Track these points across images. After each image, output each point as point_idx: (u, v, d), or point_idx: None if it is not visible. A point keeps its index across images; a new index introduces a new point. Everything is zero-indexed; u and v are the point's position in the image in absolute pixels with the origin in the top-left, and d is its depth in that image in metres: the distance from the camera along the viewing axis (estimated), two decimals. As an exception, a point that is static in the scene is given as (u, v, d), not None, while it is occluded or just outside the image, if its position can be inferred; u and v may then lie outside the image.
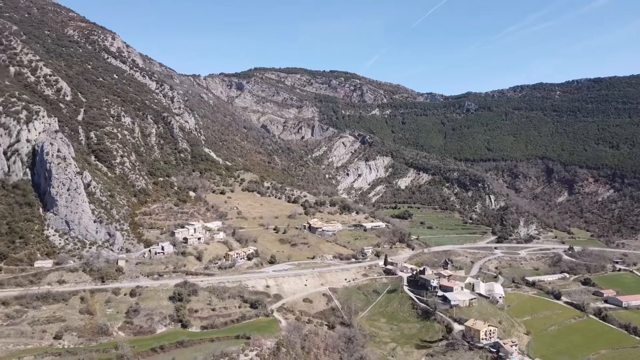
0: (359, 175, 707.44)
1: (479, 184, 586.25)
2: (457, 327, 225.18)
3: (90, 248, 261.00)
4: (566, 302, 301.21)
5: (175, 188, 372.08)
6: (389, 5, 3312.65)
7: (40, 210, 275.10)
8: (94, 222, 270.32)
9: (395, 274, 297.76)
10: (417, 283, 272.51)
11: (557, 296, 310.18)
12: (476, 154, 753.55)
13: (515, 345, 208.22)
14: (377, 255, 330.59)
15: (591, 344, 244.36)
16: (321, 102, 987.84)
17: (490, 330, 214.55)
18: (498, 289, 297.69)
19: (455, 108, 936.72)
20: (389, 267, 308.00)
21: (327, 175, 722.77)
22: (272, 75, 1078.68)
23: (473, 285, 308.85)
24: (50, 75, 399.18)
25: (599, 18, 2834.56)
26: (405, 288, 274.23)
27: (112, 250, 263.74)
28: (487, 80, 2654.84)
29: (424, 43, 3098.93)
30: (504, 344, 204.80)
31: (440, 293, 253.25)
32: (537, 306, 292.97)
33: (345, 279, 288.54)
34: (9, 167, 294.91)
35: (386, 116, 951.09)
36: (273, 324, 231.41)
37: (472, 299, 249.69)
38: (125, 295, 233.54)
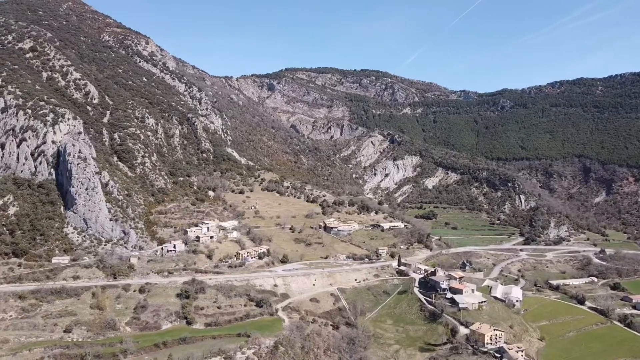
0: (386, 175, 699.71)
1: (509, 184, 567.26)
2: (462, 331, 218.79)
3: (105, 245, 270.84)
4: (590, 308, 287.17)
5: (195, 187, 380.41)
6: (426, 4, 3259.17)
7: (62, 208, 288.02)
8: (110, 220, 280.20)
9: (408, 275, 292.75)
10: (427, 285, 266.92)
11: (581, 301, 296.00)
12: (509, 152, 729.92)
13: (522, 350, 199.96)
14: (392, 255, 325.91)
15: (611, 352, 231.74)
16: (351, 102, 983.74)
17: (497, 335, 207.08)
18: (515, 293, 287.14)
19: (489, 106, 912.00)
20: (401, 268, 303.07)
21: (354, 175, 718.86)
22: (302, 75, 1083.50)
23: (490, 288, 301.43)
24: (79, 80, 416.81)
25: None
26: (416, 290, 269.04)
27: (126, 247, 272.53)
28: (525, 76, 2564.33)
29: (460, 42, 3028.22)
30: (509, 349, 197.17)
31: (449, 295, 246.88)
32: (557, 311, 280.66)
33: (356, 280, 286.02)
34: (35, 167, 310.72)
35: (417, 115, 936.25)
36: (276, 323, 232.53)
37: (482, 302, 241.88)
38: (134, 291, 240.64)
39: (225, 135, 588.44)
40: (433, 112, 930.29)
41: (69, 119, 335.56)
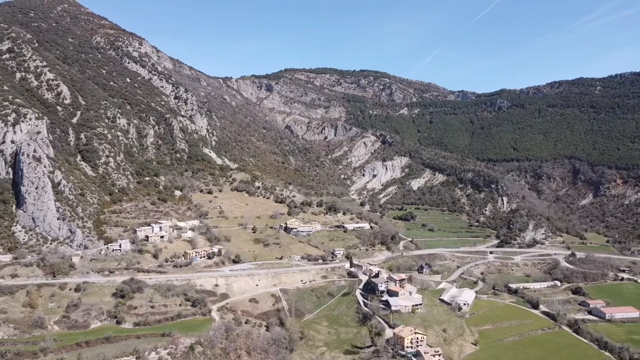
0: (374, 176, 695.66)
1: (493, 185, 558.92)
2: (387, 334, 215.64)
3: (51, 244, 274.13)
4: (543, 312, 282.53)
5: (161, 187, 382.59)
6: (435, 8, 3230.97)
7: (14, 207, 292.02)
8: (58, 219, 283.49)
9: (357, 277, 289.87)
10: (368, 287, 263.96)
11: (535, 305, 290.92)
12: (500, 153, 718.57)
13: (439, 354, 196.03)
14: (348, 257, 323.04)
15: (548, 357, 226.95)
16: (349, 102, 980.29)
17: (417, 338, 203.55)
18: (465, 296, 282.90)
19: (486, 106, 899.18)
20: (352, 269, 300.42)
21: (342, 176, 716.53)
22: (301, 75, 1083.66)
23: (442, 291, 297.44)
24: (52, 80, 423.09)
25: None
26: (358, 291, 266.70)
27: (71, 246, 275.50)
28: (537, 77, 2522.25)
29: (471, 45, 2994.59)
30: (425, 352, 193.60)
31: (384, 297, 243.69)
32: (506, 315, 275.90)
33: (301, 281, 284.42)
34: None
35: (414, 115, 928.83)
36: (206, 323, 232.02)
37: (416, 305, 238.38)
38: (70, 290, 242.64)
39: (210, 135, 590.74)
40: (430, 113, 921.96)
41: (31, 119, 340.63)
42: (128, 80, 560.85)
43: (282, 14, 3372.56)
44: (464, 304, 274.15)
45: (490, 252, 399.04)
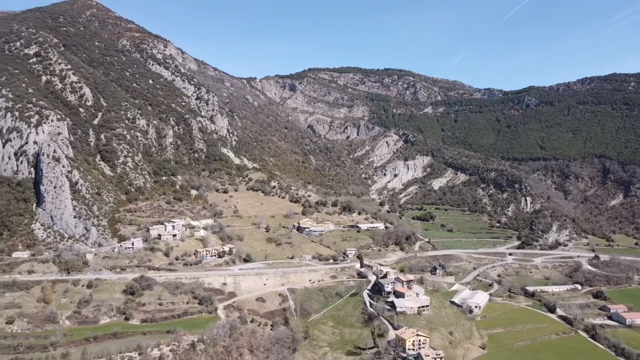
0: (395, 176, 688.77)
1: (516, 185, 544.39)
2: (391, 335, 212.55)
3: (67, 241, 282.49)
4: (559, 316, 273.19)
5: (177, 186, 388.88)
6: (467, 5, 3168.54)
7: (34, 206, 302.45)
8: (74, 217, 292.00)
9: (366, 277, 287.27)
10: (375, 287, 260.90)
11: (552, 309, 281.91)
12: (526, 152, 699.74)
13: (441, 358, 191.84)
14: (359, 257, 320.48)
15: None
16: (372, 101, 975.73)
17: (420, 340, 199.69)
18: (477, 299, 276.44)
19: (514, 104, 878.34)
20: (362, 269, 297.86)
21: (363, 175, 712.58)
22: (324, 75, 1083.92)
23: (455, 293, 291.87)
24: (76, 83, 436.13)
25: None
26: (365, 292, 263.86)
27: (86, 244, 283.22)
28: (554, 73, 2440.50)
29: (501, 43, 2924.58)
30: (426, 355, 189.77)
31: (390, 299, 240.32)
32: (521, 318, 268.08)
33: (310, 280, 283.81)
34: (17, 166, 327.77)
35: (438, 114, 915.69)
36: (211, 321, 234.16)
37: (422, 307, 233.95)
38: (82, 286, 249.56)
39: (231, 135, 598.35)
40: (455, 111, 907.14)
41: (52, 121, 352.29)
42: (150, 81, 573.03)
43: (306, 15, 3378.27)
44: (476, 307, 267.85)
45: (510, 254, 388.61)
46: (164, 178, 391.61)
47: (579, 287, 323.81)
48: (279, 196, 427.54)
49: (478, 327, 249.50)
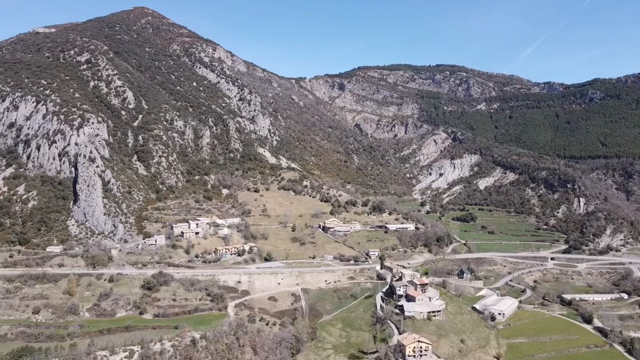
0: (440, 175, 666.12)
1: (569, 185, 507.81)
2: (394, 340, 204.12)
3: (96, 237, 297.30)
4: (595, 328, 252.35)
5: (209, 186, 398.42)
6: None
7: (71, 203, 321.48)
8: (104, 214, 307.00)
9: (385, 279, 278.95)
10: (389, 290, 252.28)
11: (588, 319, 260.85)
12: (585, 150, 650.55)
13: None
14: (381, 258, 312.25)
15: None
16: (422, 99, 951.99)
17: (421, 347, 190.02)
18: (502, 305, 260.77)
19: (575, 98, 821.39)
20: (382, 271, 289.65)
21: (408, 175, 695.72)
22: (374, 73, 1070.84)
23: (480, 299, 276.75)
24: (120, 87, 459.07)
25: None
26: (379, 295, 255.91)
27: (113, 240, 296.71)
28: (621, 65, 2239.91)
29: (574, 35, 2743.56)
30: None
31: (401, 302, 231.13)
32: (549, 328, 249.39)
33: (326, 281, 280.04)
34: (60, 166, 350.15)
35: (492, 110, 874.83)
36: (220, 319, 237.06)
37: (433, 312, 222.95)
38: (105, 280, 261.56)
39: (272, 135, 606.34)
40: (510, 107, 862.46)
41: (93, 123, 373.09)
42: (194, 84, 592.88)
43: (359, 12, 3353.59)
44: (499, 314, 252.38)
45: (552, 259, 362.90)
46: (197, 177, 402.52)
47: (625, 296, 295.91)
48: (310, 195, 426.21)
49: (498, 335, 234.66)
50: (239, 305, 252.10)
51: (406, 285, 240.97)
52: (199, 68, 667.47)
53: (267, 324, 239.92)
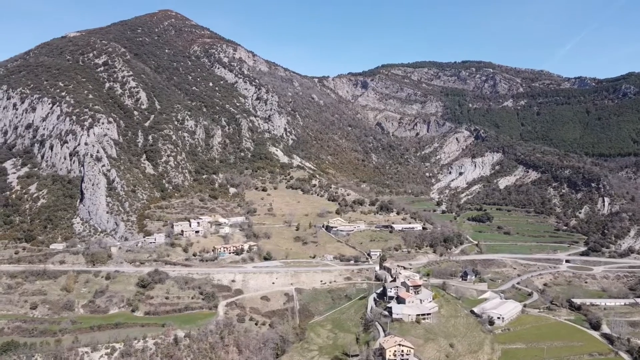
0: (460, 174, 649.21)
1: (593, 184, 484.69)
2: (377, 344, 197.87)
3: (99, 235, 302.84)
4: (603, 334, 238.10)
5: (216, 185, 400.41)
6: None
7: (78, 202, 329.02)
8: (107, 213, 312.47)
9: (382, 280, 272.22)
10: (382, 292, 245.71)
11: (595, 325, 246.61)
12: (615, 147, 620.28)
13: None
14: (382, 258, 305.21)
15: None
16: (447, 96, 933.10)
17: (402, 351, 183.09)
18: (502, 309, 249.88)
19: (608, 93, 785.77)
20: (380, 272, 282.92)
21: (427, 174, 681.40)
22: (398, 71, 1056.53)
23: (482, 301, 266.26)
24: (134, 88, 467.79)
25: None
26: (373, 296, 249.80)
27: (114, 237, 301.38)
28: None
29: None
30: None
31: (390, 304, 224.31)
32: (552, 334, 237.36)
33: (321, 281, 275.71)
34: (70, 165, 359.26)
35: (519, 107, 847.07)
36: (209, 317, 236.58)
37: (423, 314, 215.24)
38: (102, 277, 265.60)
39: (288, 134, 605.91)
40: (538, 104, 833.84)
41: (103, 123, 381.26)
42: (210, 84, 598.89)
43: (386, 10, 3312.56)
44: (498, 318, 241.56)
45: (567, 261, 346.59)
46: (204, 176, 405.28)
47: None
48: (318, 194, 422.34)
49: (494, 340, 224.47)
50: (230, 304, 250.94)
51: (397, 287, 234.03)
52: (217, 68, 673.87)
53: (256, 324, 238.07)
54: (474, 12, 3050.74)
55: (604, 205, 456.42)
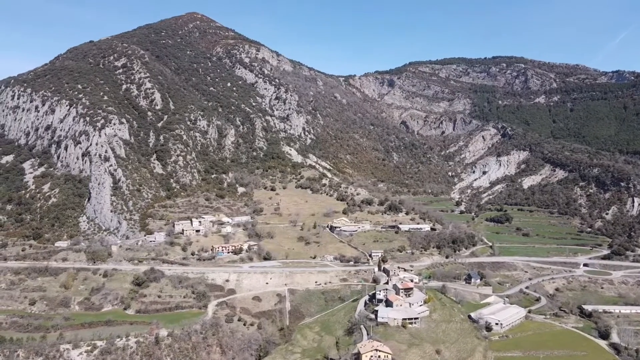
0: (484, 173, 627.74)
1: (622, 183, 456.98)
2: (355, 348, 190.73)
3: (102, 233, 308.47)
4: (610, 344, 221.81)
5: (225, 184, 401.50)
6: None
7: (86, 201, 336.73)
8: (111, 211, 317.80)
9: (379, 282, 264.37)
10: (373, 294, 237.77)
11: (605, 334, 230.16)
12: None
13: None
14: (383, 259, 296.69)
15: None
16: (475, 93, 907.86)
17: (379, 356, 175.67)
18: (501, 315, 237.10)
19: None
20: (378, 273, 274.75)
21: (450, 173, 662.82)
22: (425, 68, 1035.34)
23: (484, 306, 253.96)
24: (149, 89, 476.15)
25: None
26: (364, 298, 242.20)
27: (116, 236, 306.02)
28: None
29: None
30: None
31: (377, 307, 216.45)
32: (554, 342, 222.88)
33: (316, 282, 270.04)
34: (82, 165, 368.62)
35: (552, 104, 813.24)
36: (197, 316, 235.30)
37: (410, 319, 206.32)
38: (100, 275, 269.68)
39: (306, 133, 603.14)
40: (572, 100, 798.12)
41: (115, 124, 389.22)
42: (228, 84, 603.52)
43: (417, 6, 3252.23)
44: (496, 324, 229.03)
45: (585, 265, 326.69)
46: (213, 176, 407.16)
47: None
48: (327, 194, 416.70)
49: (488, 347, 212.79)
50: (221, 304, 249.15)
51: (387, 289, 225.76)
52: (238, 69, 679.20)
53: (244, 324, 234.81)
54: (514, 5, 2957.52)
55: (633, 205, 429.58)
